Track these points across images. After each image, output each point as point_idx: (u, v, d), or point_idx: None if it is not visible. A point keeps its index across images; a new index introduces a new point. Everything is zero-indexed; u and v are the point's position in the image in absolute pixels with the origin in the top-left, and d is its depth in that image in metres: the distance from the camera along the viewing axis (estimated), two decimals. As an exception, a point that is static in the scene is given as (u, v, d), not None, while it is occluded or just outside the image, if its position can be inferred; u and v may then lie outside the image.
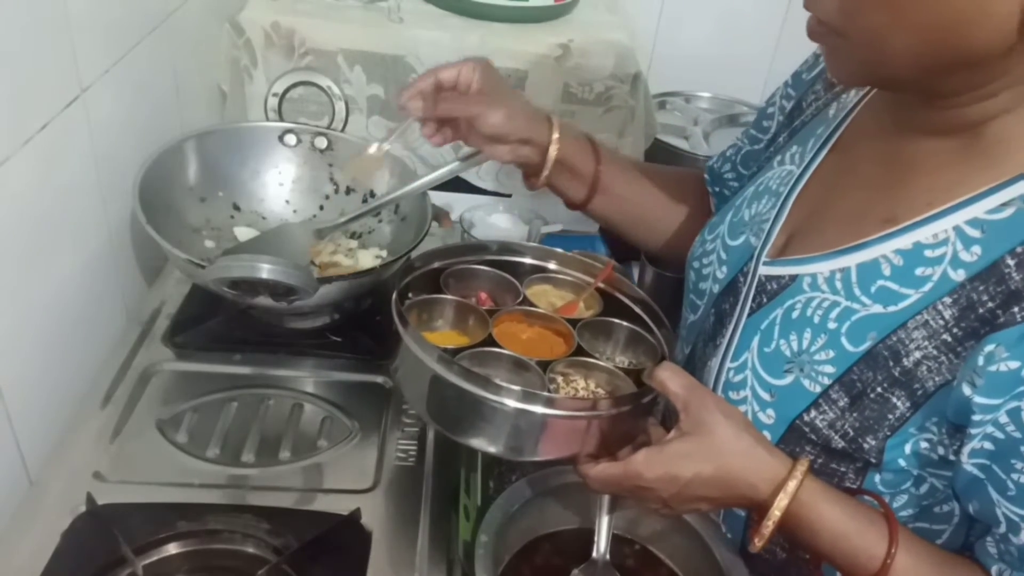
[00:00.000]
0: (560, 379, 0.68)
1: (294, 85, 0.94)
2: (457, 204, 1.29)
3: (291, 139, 0.96)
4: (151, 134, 0.90)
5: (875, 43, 0.54)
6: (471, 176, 1.29)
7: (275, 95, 0.94)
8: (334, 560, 0.63)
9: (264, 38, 1.13)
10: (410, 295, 0.73)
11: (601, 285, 0.78)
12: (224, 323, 0.84)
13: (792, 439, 0.62)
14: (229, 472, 0.71)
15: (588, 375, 0.69)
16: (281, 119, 0.95)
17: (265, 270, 0.69)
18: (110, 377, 0.77)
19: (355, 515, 0.67)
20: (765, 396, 0.64)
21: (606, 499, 0.66)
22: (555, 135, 0.82)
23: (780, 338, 0.64)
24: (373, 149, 0.84)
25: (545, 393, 0.61)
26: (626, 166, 0.90)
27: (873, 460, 0.59)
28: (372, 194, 0.97)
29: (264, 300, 0.75)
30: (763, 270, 0.68)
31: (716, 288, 0.73)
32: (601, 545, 0.66)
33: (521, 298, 0.74)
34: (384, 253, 0.94)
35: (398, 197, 0.85)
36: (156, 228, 0.77)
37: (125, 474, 0.70)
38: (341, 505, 0.68)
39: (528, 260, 0.79)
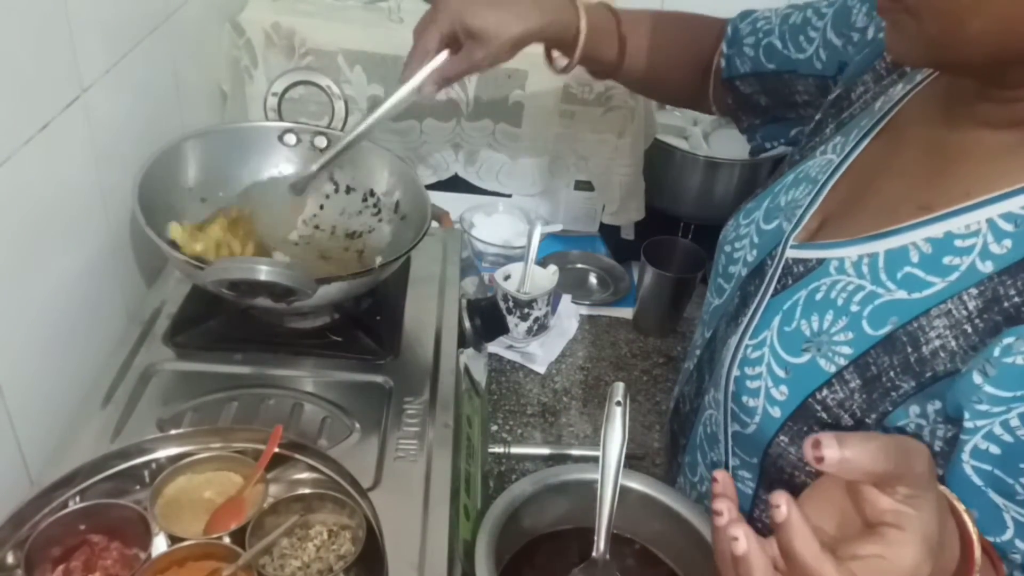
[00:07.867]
0: None
1: (294, 84, 0.94)
2: (457, 204, 1.29)
3: (291, 139, 0.96)
4: (151, 134, 0.90)
5: (950, 25, 0.54)
6: (471, 176, 1.30)
7: (275, 95, 0.94)
8: (334, 559, 0.63)
9: (264, 38, 1.13)
10: None
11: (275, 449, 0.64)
12: (224, 323, 0.84)
13: (803, 416, 0.63)
14: (229, 472, 0.71)
15: None
16: (281, 119, 0.95)
17: (263, 272, 0.69)
18: (111, 377, 0.77)
19: (355, 515, 0.67)
20: (780, 372, 0.65)
21: (607, 498, 0.66)
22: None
23: (801, 318, 0.65)
24: None
25: None
26: (642, 17, 0.96)
27: None
28: (372, 192, 0.97)
29: (263, 301, 0.75)
30: (791, 253, 0.69)
31: (744, 271, 0.74)
32: (601, 545, 0.66)
33: (156, 508, 0.60)
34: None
35: (368, 128, 0.88)
36: (156, 229, 0.77)
37: (126, 474, 0.69)
38: (341, 505, 0.68)
39: (147, 458, 0.64)
